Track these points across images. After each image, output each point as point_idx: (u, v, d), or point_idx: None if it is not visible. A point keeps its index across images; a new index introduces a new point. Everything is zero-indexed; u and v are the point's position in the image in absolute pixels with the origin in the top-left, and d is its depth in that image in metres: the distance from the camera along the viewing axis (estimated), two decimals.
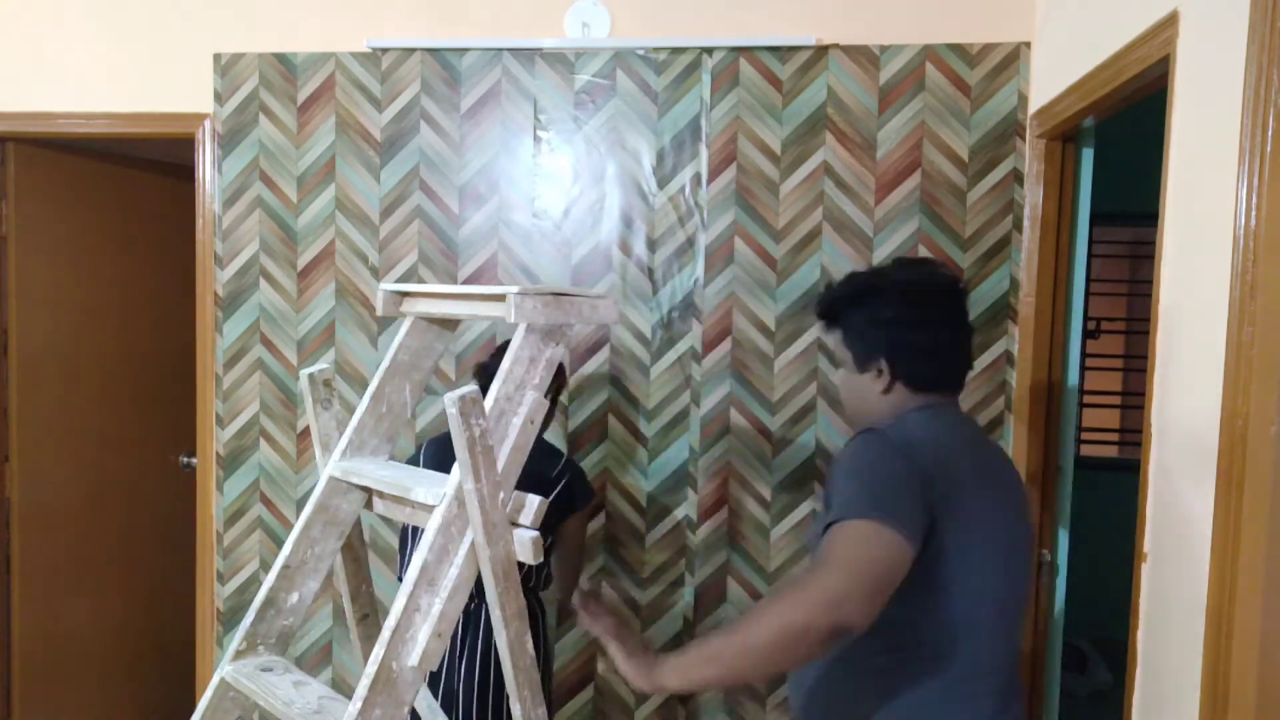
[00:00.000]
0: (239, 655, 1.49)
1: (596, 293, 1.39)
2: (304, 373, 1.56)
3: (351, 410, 2.59)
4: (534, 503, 1.29)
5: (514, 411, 1.31)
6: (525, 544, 1.27)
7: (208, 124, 2.62)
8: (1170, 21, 1.54)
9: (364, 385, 2.59)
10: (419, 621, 1.25)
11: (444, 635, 1.26)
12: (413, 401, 1.59)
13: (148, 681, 3.27)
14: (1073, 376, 2.32)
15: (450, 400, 1.21)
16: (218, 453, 2.68)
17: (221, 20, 2.60)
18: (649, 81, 2.45)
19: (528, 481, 1.62)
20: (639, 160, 2.46)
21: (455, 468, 1.26)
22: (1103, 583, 3.10)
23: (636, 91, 2.46)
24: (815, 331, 2.42)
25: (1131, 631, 1.61)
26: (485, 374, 2.02)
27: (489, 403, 1.28)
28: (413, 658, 1.25)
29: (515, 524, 1.29)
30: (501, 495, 1.27)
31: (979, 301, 2.39)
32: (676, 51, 2.43)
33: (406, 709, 1.27)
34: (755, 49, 2.41)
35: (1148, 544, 1.58)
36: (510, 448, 1.30)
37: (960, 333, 1.41)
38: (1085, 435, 4.25)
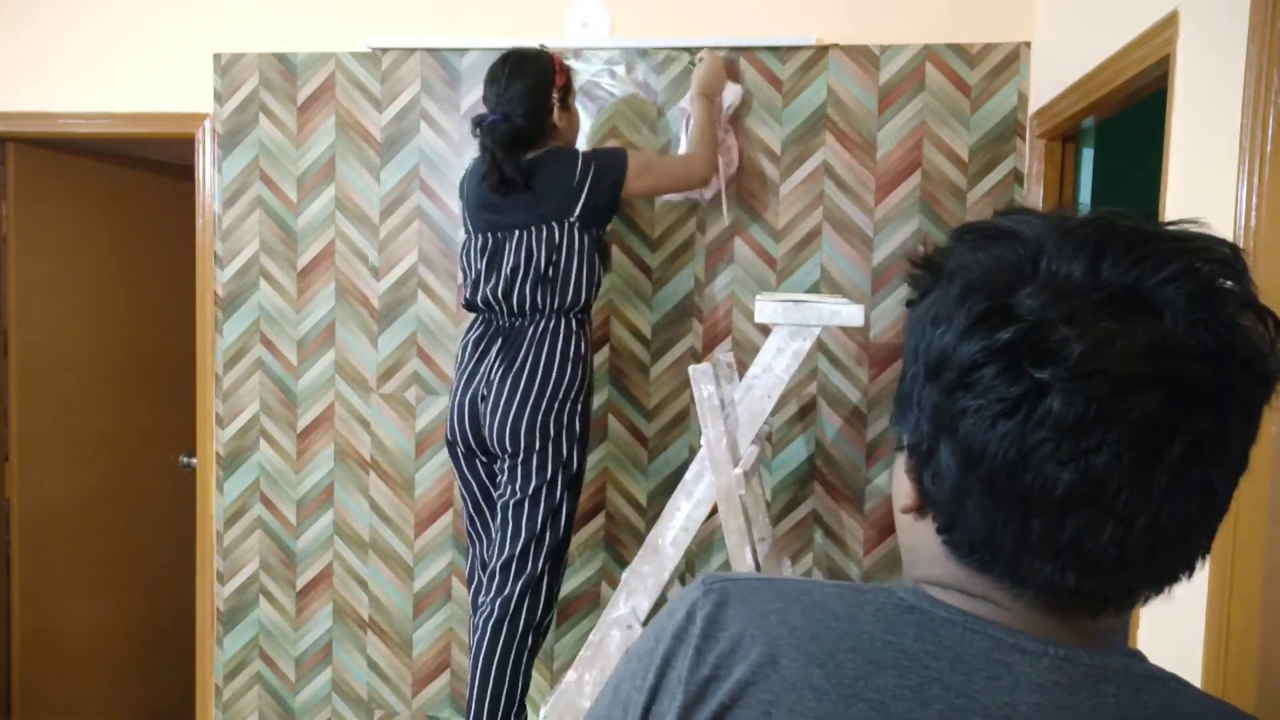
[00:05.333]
0: None
1: (838, 298, 1.84)
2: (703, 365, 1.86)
3: (358, 414, 2.59)
4: (752, 452, 1.87)
5: (757, 385, 1.85)
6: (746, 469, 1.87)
7: (208, 124, 2.62)
8: (1170, 21, 1.54)
9: (364, 385, 2.59)
10: (677, 516, 1.90)
11: (690, 530, 1.89)
12: None
13: (148, 681, 3.27)
14: None
15: (719, 362, 1.99)
16: (218, 453, 2.68)
17: (221, 20, 2.60)
18: (649, 81, 2.45)
19: (555, 196, 2.04)
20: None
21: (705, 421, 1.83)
22: None
23: (635, 91, 2.46)
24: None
25: (1131, 631, 1.61)
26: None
27: (746, 376, 1.86)
28: (668, 538, 1.90)
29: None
30: (726, 440, 1.84)
31: None
32: (676, 51, 2.43)
33: (666, 572, 1.88)
34: (755, 49, 2.41)
35: None
36: (748, 410, 1.86)
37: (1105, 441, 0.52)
38: None
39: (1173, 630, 1.47)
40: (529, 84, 2.05)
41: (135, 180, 3.22)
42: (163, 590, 3.21)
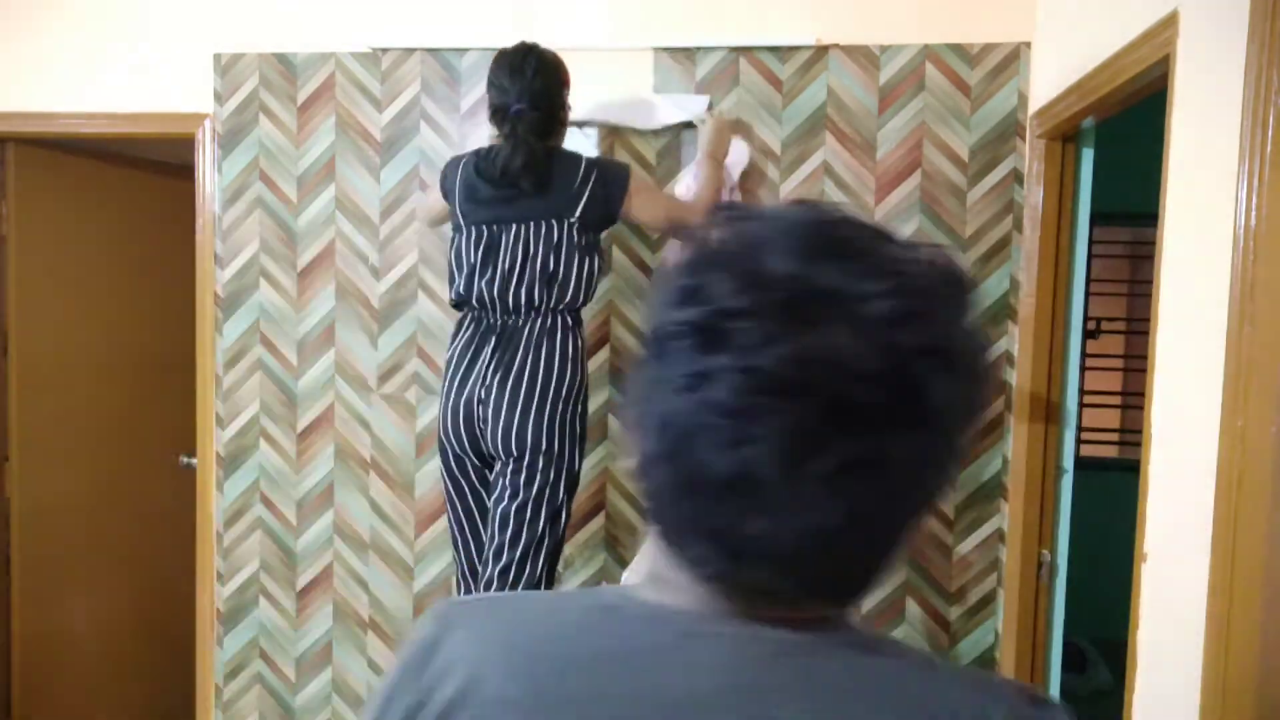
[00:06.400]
0: None
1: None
2: None
3: (358, 414, 2.59)
4: None
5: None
6: None
7: (208, 124, 2.62)
8: (1170, 21, 1.54)
9: (364, 385, 2.59)
10: None
11: None
12: None
13: (148, 681, 3.27)
14: (1073, 376, 2.32)
15: None
16: (218, 453, 2.68)
17: (221, 20, 2.60)
18: (648, 82, 2.45)
19: (557, 196, 2.01)
20: (639, 160, 2.46)
21: None
22: (1103, 583, 3.10)
23: (636, 92, 2.45)
24: None
25: (1131, 631, 1.61)
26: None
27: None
28: None
29: None
30: None
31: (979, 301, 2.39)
32: (676, 51, 2.43)
33: None
34: (755, 49, 2.41)
35: (1148, 544, 1.58)
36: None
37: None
38: (1085, 435, 4.25)
39: (1173, 630, 1.47)
40: (553, 80, 2.07)
41: (135, 180, 3.22)
42: (163, 590, 3.21)
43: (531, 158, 2.01)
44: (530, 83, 2.03)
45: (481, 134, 2.51)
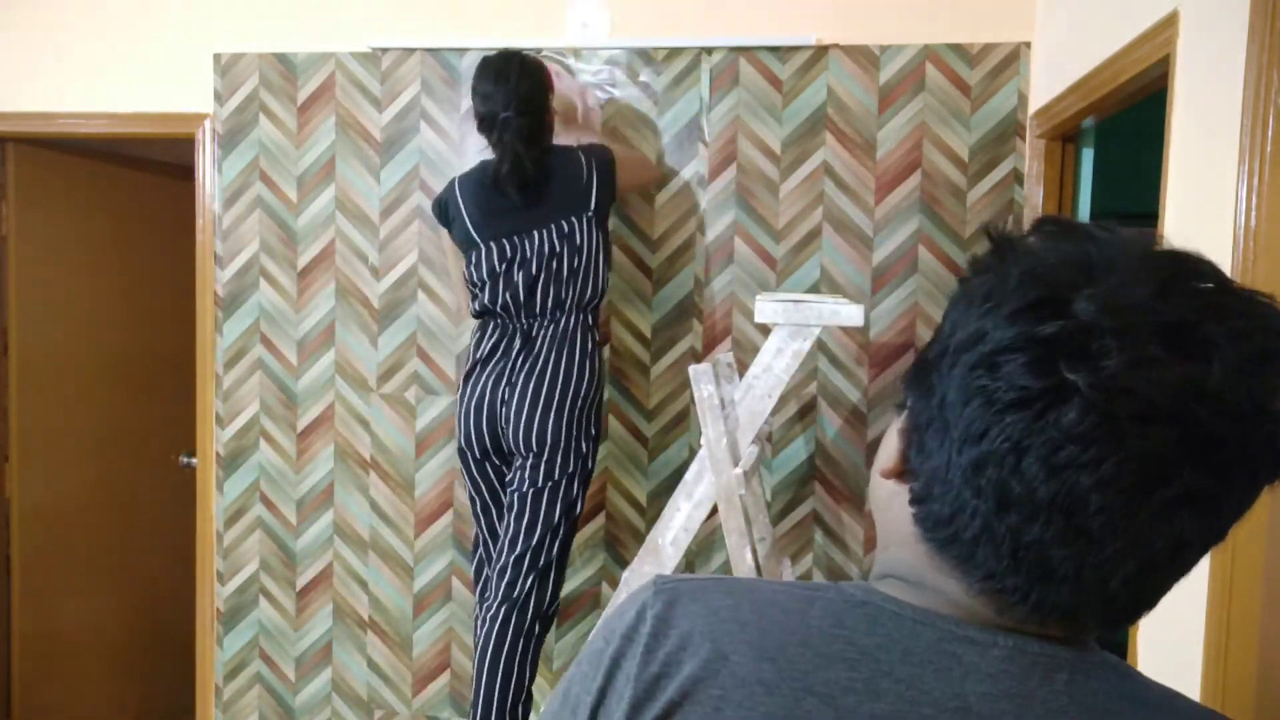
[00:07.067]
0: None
1: (838, 298, 1.86)
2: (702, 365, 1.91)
3: (358, 414, 2.59)
4: (752, 452, 1.90)
5: (757, 385, 1.87)
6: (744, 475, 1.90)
7: (208, 124, 2.62)
8: (1170, 21, 1.54)
9: (364, 385, 2.60)
10: (677, 516, 1.93)
11: (690, 530, 1.92)
12: None
13: (148, 681, 3.27)
14: None
15: (719, 362, 2.03)
16: (218, 453, 2.68)
17: (221, 20, 2.60)
18: (648, 81, 2.45)
19: (569, 193, 2.09)
20: None
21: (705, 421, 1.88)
22: None
23: (636, 91, 2.46)
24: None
25: (1131, 631, 1.61)
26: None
27: (746, 376, 1.89)
28: (668, 538, 1.94)
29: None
30: (726, 440, 1.86)
31: None
32: (676, 51, 2.43)
33: (666, 572, 2.01)
34: (755, 49, 2.41)
35: None
36: (748, 411, 1.87)
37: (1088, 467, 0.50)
38: None
39: (1173, 630, 1.47)
40: (537, 85, 2.10)
41: (135, 180, 3.22)
42: (163, 590, 3.21)
43: (517, 164, 2.03)
44: (515, 88, 2.06)
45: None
